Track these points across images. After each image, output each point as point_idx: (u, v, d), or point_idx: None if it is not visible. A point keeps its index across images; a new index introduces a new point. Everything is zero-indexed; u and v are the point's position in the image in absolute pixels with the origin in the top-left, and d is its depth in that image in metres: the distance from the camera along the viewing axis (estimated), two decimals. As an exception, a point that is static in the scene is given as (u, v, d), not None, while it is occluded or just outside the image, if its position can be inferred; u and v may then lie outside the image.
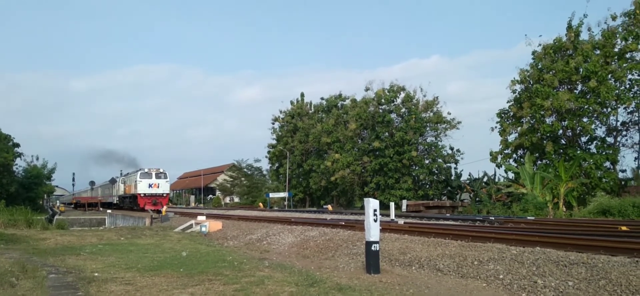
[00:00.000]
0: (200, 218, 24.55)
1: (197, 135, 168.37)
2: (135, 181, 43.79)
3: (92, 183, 68.34)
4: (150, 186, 42.89)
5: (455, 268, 9.42)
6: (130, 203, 46.64)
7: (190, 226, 23.33)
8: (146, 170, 43.51)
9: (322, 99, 55.98)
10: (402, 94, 43.27)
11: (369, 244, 9.55)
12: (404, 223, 17.80)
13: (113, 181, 58.08)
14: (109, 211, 47.01)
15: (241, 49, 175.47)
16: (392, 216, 21.98)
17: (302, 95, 58.97)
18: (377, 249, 9.59)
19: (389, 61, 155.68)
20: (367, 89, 45.46)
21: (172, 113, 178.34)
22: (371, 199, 9.74)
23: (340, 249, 12.69)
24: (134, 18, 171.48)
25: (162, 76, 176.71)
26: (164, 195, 43.89)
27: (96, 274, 9.61)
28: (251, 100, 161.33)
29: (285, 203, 54.25)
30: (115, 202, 55.42)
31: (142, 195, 42.42)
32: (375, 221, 9.56)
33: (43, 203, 58.67)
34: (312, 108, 57.72)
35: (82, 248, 14.96)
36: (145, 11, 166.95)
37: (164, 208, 39.48)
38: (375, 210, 9.57)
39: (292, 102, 58.88)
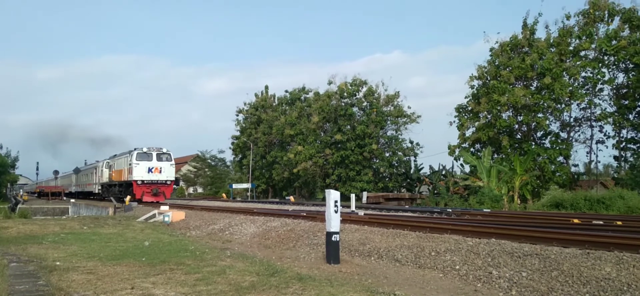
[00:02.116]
0: (163, 207, 24.24)
1: (162, 125, 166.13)
2: (130, 165, 34.50)
3: (56, 172, 65.83)
4: (150, 170, 34.01)
5: (413, 259, 9.61)
6: (121, 192, 37.22)
7: (153, 215, 23.00)
8: (144, 150, 34.43)
9: (286, 91, 56.03)
10: (364, 88, 43.80)
11: (329, 234, 9.65)
12: (364, 214, 18.03)
13: (77, 171, 55.22)
14: (72, 200, 45.53)
15: (208, 41, 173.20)
16: (353, 208, 22.23)
17: (267, 88, 58.99)
18: (338, 239, 9.70)
19: (352, 55, 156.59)
20: (330, 83, 45.81)
21: (137, 103, 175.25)
22: (332, 191, 9.83)
23: (301, 239, 12.77)
24: (98, 8, 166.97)
25: (127, 66, 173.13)
26: (168, 182, 34.80)
27: (58, 263, 9.46)
28: (217, 91, 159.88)
29: (248, 193, 54.02)
30: (96, 191, 45.72)
31: (139, 182, 33.55)
32: (336, 212, 9.66)
33: (6, 191, 56.50)
34: (276, 101, 57.77)
35: (45, 237, 14.63)
36: (110, 1, 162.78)
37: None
38: (336, 201, 9.67)
39: (256, 95, 58.87)
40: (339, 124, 43.15)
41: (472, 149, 35.15)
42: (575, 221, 14.82)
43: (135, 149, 35.07)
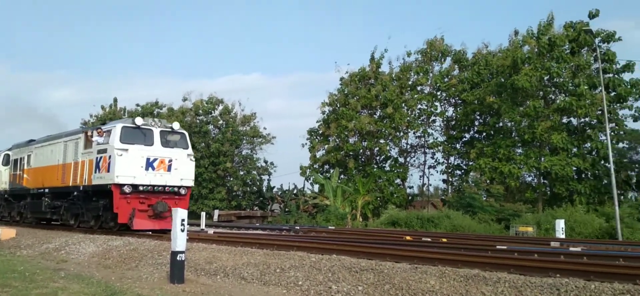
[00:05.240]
0: (-10, 224, 21.28)
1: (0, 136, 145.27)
2: (104, 153, 16.43)
3: None
4: (150, 164, 16.30)
5: (258, 276, 9.76)
6: (59, 209, 19.72)
7: (-22, 233, 20.13)
8: (138, 122, 16.52)
9: (137, 105, 53.08)
10: (221, 107, 43.50)
11: (174, 254, 9.47)
12: (214, 232, 17.90)
13: None
14: None
15: (55, 47, 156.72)
16: (203, 226, 21.93)
17: (115, 100, 55.38)
18: (183, 259, 9.55)
19: (211, 73, 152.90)
20: (185, 99, 44.70)
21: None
22: (179, 209, 9.71)
23: (144, 259, 12.28)
24: None
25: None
26: (183, 191, 16.93)
27: None
28: (63, 101, 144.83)
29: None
30: None
31: (127, 189, 15.86)
32: (183, 230, 9.53)
33: None
34: (126, 114, 54.50)
35: None
36: None
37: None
38: (183, 220, 9.54)
39: (103, 107, 54.91)
40: (193, 141, 42.25)
41: (322, 170, 36.85)
42: (408, 238, 16.23)
43: (110, 121, 16.53)
